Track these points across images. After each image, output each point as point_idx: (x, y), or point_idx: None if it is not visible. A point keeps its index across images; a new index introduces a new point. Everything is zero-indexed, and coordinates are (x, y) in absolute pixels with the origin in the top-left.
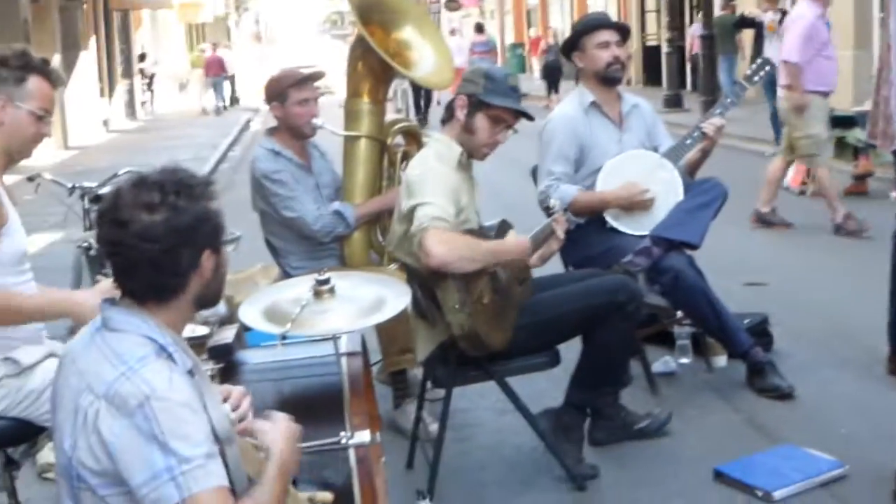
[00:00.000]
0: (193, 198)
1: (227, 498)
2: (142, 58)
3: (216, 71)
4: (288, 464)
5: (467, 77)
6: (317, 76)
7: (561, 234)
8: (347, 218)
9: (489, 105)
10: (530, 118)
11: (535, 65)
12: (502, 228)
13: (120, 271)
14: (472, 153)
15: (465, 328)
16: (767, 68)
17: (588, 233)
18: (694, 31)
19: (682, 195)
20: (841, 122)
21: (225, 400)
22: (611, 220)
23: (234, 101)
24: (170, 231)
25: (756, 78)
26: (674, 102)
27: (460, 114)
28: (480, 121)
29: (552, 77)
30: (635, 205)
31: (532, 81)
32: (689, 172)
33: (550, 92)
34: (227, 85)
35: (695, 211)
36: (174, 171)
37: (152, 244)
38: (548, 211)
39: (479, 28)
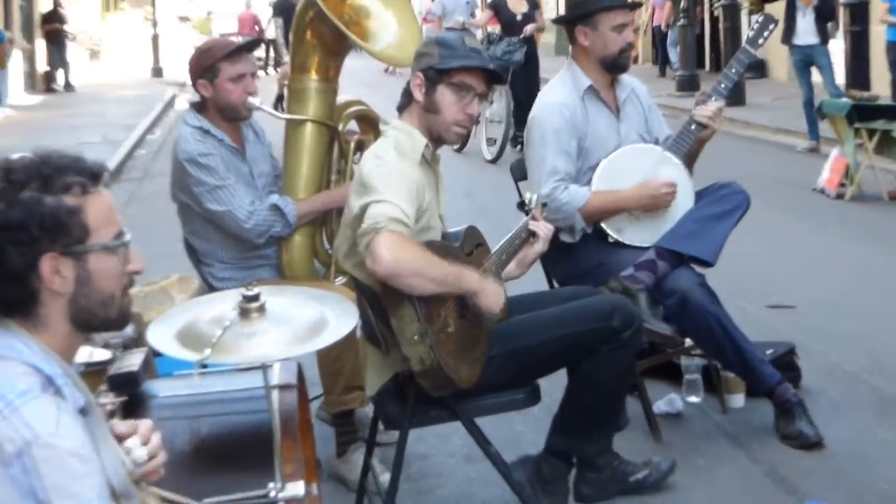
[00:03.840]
0: (47, 190)
1: None
2: (50, 17)
3: (249, 30)
4: None
5: (419, 52)
6: (253, 45)
7: (544, 232)
8: (287, 215)
9: (448, 71)
10: (501, 79)
11: None
12: (470, 236)
13: None
14: (441, 137)
15: (427, 362)
16: (771, 27)
17: (579, 243)
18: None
19: (693, 197)
20: (888, 111)
21: (124, 438)
22: (612, 232)
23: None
24: None
25: (761, 40)
26: (688, 85)
27: (418, 93)
28: (442, 94)
29: None
30: (660, 204)
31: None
32: (686, 165)
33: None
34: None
35: (710, 221)
36: (41, 157)
37: None
38: (522, 207)
39: None
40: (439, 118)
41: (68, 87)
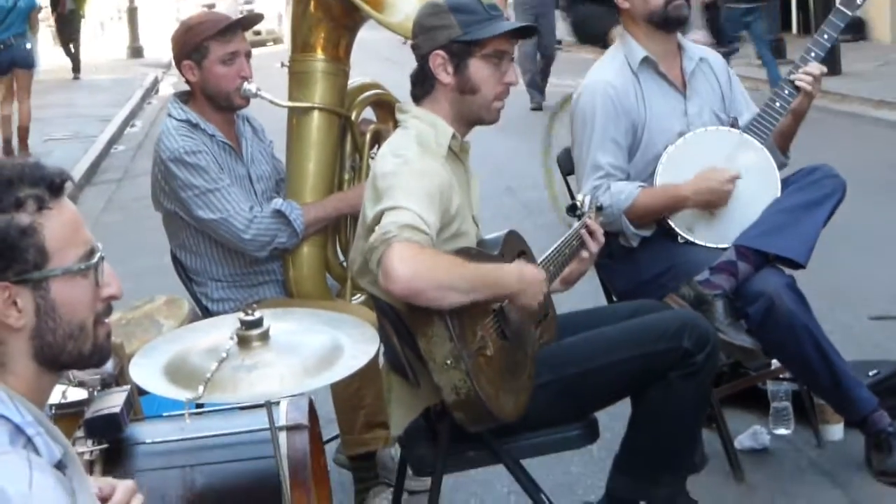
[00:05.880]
0: None
1: None
2: None
3: None
4: None
5: (428, 24)
6: (250, 21)
7: (593, 245)
8: (294, 222)
9: (480, 42)
10: (533, 31)
11: None
12: (510, 243)
13: None
14: (482, 118)
15: (462, 392)
16: None
17: (643, 248)
18: None
19: (779, 187)
20: None
21: (105, 501)
22: (682, 232)
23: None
24: None
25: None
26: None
27: (444, 75)
28: (477, 69)
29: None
30: (722, 199)
31: None
32: (780, 146)
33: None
34: None
35: (799, 212)
36: None
37: None
38: (574, 212)
39: None
40: (477, 98)
41: None
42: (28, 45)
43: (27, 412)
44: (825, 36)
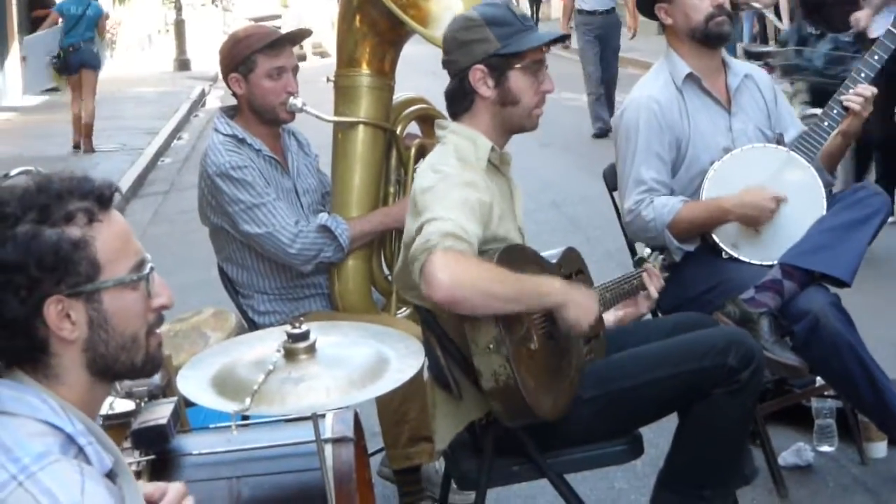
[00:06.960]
0: (45, 222)
1: None
2: None
3: None
4: None
5: (464, 39)
6: (297, 36)
7: (654, 291)
8: (339, 237)
9: (518, 55)
10: (565, 38)
11: None
12: (568, 260)
13: None
14: (523, 127)
15: (501, 378)
16: None
17: (688, 263)
18: None
19: (825, 206)
20: None
21: None
22: (727, 248)
23: None
24: None
25: None
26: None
27: (485, 89)
28: (517, 80)
29: None
30: (764, 216)
31: None
32: (826, 166)
33: None
34: None
35: (844, 230)
36: (38, 182)
37: None
38: (640, 264)
39: None
40: (518, 108)
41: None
42: (95, 49)
43: (79, 422)
44: (875, 57)
